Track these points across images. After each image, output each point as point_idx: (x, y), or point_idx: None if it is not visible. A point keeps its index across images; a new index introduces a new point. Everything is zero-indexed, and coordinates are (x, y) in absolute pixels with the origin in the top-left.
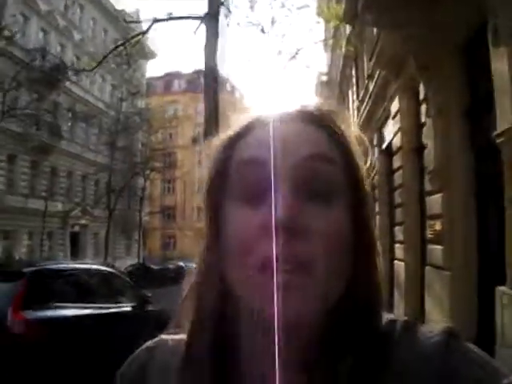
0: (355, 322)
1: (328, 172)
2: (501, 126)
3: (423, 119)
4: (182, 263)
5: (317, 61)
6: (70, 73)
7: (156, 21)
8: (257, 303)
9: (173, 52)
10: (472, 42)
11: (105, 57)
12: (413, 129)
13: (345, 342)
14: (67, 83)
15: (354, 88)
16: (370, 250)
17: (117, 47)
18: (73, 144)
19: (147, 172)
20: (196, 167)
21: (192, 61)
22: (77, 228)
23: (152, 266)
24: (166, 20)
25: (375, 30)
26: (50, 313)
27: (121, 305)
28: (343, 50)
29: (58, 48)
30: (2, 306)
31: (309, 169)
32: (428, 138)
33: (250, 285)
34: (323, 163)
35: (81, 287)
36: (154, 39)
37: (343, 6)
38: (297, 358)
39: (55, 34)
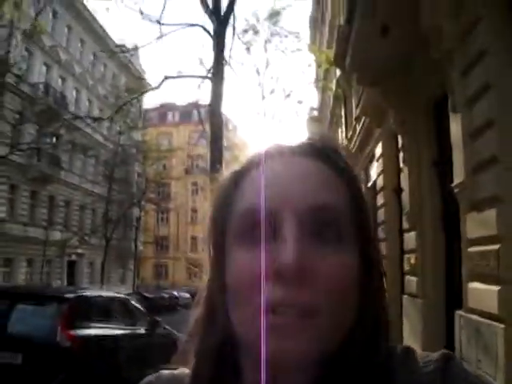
0: (362, 358)
1: (335, 215)
2: (456, 178)
3: (401, 165)
4: (175, 292)
5: (309, 97)
6: (88, 120)
7: (166, 78)
8: (259, 345)
9: (168, 84)
10: (438, 105)
11: (120, 107)
12: (393, 172)
13: (352, 376)
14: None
15: (343, 127)
16: (379, 290)
17: (132, 99)
18: (71, 175)
19: (142, 203)
20: (189, 198)
21: (186, 93)
22: (74, 256)
23: (147, 295)
24: (175, 77)
25: None
26: (88, 331)
27: (137, 327)
28: (333, 91)
29: (60, 81)
30: (50, 325)
31: (315, 212)
32: (404, 182)
33: (253, 327)
34: (331, 206)
35: (108, 311)
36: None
37: (333, 50)
38: None
39: (57, 68)
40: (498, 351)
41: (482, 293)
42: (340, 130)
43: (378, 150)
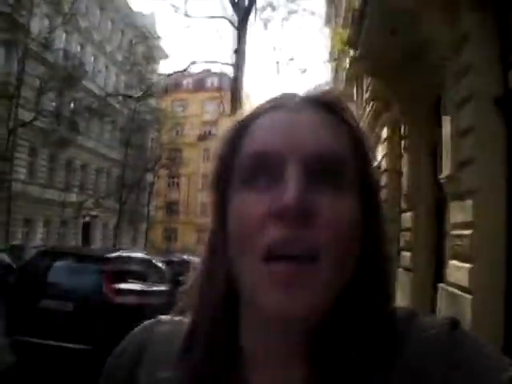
0: (363, 311)
1: (339, 159)
2: (444, 171)
3: (402, 151)
4: (185, 256)
5: (323, 74)
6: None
7: (193, 63)
8: (261, 295)
9: (182, 50)
10: (438, 102)
11: (145, 91)
12: (396, 156)
13: (351, 332)
14: (84, 81)
15: (354, 106)
16: (380, 237)
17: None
18: (88, 139)
19: (156, 168)
20: (201, 165)
21: (200, 59)
22: (88, 218)
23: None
24: (202, 62)
25: None
26: (127, 286)
27: (163, 284)
28: (346, 70)
29: (79, 48)
30: (97, 279)
31: (319, 157)
32: (404, 167)
33: (255, 276)
34: (333, 152)
35: (139, 269)
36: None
37: (347, 31)
38: (302, 350)
39: (77, 35)
40: (467, 318)
41: (457, 269)
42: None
43: (384, 134)
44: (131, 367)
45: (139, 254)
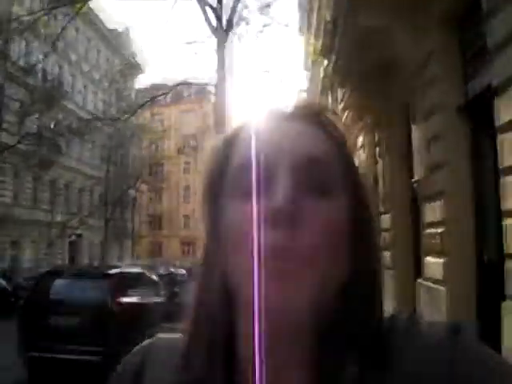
0: (355, 313)
1: (325, 167)
2: (416, 176)
3: (377, 157)
4: (172, 269)
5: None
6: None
7: (179, 84)
8: (254, 294)
9: (158, 63)
10: (406, 112)
11: (135, 110)
12: (372, 162)
13: (345, 335)
14: (65, 101)
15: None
16: (370, 240)
17: (144, 103)
18: (69, 159)
19: (138, 184)
20: (182, 177)
21: (176, 72)
22: (73, 237)
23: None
24: (186, 84)
25: None
26: (130, 299)
27: (160, 296)
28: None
29: (56, 68)
30: (102, 294)
31: (306, 164)
32: (379, 172)
33: (250, 276)
34: (320, 158)
35: (139, 283)
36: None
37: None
38: (297, 353)
39: (54, 55)
40: (442, 308)
41: (432, 264)
42: None
43: (359, 141)
44: (134, 378)
45: (137, 269)
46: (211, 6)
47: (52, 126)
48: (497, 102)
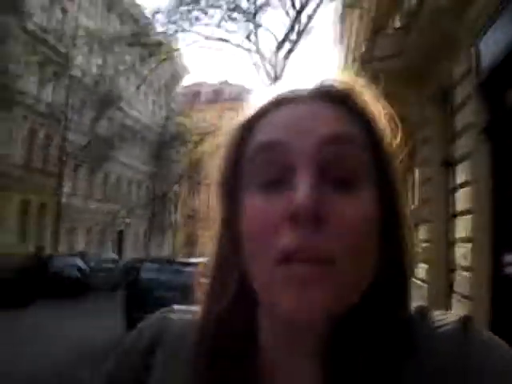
0: (380, 315)
1: (351, 152)
2: (412, 205)
3: None
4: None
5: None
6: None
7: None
8: (275, 296)
9: (199, 63)
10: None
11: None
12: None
13: (366, 336)
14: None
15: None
16: (400, 237)
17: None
18: (121, 154)
19: (181, 180)
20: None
21: (217, 71)
22: (122, 226)
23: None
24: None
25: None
26: None
27: None
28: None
29: (112, 71)
30: (188, 277)
31: (330, 151)
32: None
33: (269, 277)
34: (344, 143)
35: None
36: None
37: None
38: (317, 352)
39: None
40: (425, 299)
41: (422, 269)
42: None
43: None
44: (147, 351)
45: (201, 259)
46: None
47: (107, 124)
48: None
